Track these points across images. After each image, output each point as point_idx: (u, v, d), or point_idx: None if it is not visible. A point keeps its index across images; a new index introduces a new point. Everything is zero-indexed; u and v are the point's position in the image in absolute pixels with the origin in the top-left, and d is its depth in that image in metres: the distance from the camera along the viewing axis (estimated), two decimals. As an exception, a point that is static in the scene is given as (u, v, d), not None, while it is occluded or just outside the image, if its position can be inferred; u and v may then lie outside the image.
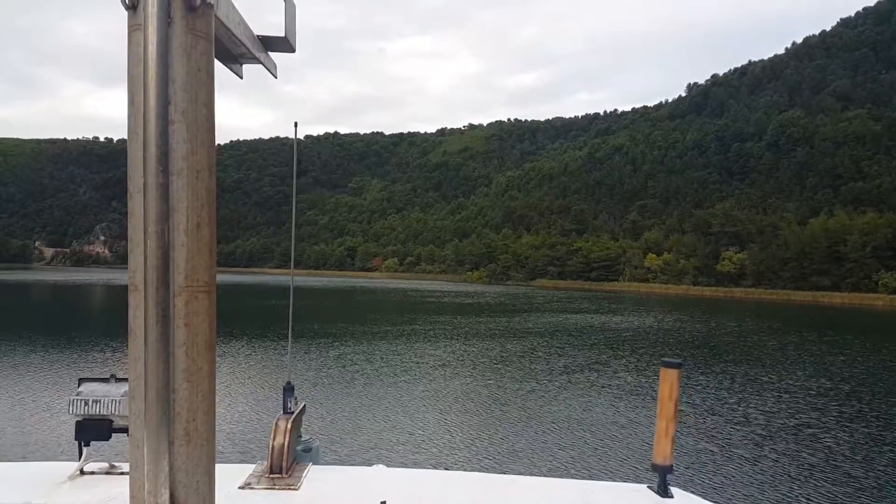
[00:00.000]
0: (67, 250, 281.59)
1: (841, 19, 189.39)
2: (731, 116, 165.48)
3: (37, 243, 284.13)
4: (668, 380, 3.57)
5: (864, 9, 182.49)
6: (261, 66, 1.74)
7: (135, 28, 1.21)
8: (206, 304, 1.30)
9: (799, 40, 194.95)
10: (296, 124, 4.32)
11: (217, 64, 1.31)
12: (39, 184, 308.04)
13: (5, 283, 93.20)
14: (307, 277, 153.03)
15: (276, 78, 1.83)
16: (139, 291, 1.23)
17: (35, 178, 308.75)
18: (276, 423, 3.82)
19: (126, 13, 1.22)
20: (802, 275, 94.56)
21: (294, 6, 1.65)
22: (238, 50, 1.59)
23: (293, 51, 1.71)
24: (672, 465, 3.53)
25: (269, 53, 1.73)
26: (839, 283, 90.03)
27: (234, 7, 1.46)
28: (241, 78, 1.73)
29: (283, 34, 1.66)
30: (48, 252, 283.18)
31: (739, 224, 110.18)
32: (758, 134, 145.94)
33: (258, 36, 1.64)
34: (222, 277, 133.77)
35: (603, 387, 20.01)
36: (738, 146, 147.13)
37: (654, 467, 3.55)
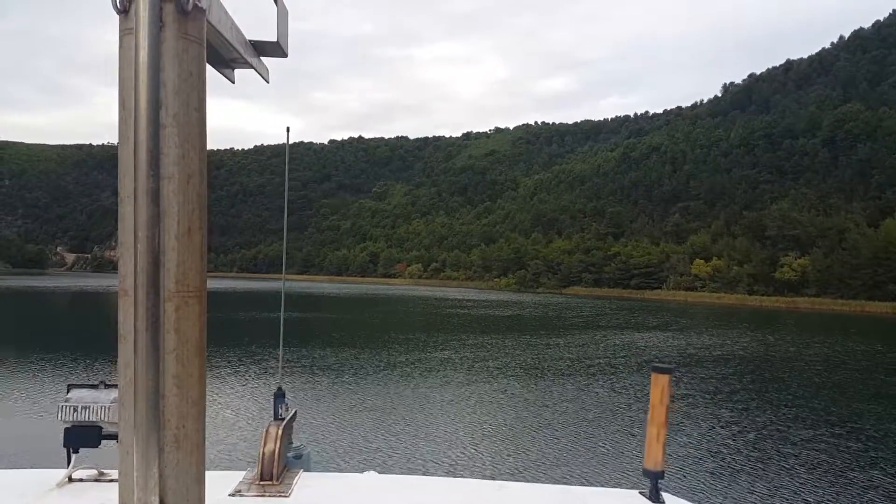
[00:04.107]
0: (88, 256, 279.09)
1: (894, 9, 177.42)
2: (779, 112, 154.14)
3: (58, 248, 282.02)
4: (659, 385, 3.56)
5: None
6: (254, 70, 1.72)
7: (126, 32, 1.20)
8: (196, 310, 1.28)
9: (837, 38, 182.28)
10: (288, 129, 4.26)
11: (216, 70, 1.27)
12: (63, 189, 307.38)
13: (8, 290, 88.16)
14: (326, 284, 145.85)
15: (267, 83, 1.82)
16: (129, 297, 1.21)
17: (59, 184, 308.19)
18: (267, 430, 3.78)
19: (118, 17, 1.21)
20: (876, 283, 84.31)
21: (286, 11, 1.63)
22: (230, 55, 1.58)
23: (285, 55, 1.69)
24: (663, 471, 3.52)
25: (262, 58, 1.71)
26: (920, 293, 79.98)
27: (226, 12, 1.45)
28: (233, 83, 1.72)
29: (275, 39, 1.64)
30: (69, 258, 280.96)
31: (799, 226, 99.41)
32: (811, 130, 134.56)
33: (250, 41, 1.63)
34: (240, 284, 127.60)
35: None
36: (790, 143, 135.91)
37: (646, 473, 3.56)
